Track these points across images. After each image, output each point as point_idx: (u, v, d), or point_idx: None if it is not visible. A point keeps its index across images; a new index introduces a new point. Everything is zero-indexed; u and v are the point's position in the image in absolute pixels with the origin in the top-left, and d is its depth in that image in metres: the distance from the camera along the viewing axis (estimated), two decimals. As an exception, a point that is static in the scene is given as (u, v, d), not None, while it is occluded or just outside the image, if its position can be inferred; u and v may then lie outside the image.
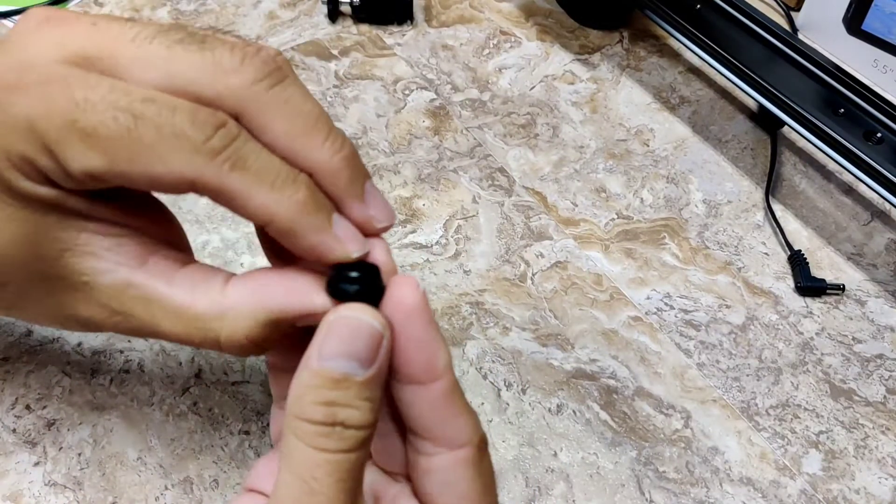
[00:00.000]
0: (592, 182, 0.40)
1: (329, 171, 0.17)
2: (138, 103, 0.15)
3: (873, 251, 0.38)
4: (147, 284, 0.17)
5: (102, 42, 0.16)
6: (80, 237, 0.17)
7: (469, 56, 0.46)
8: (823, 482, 0.30)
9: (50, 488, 0.28)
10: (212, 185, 0.16)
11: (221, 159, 0.16)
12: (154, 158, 0.15)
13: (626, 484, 0.29)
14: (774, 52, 0.39)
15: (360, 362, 0.16)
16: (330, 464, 0.15)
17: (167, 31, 0.16)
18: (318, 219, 0.16)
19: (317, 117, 0.17)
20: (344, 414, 0.16)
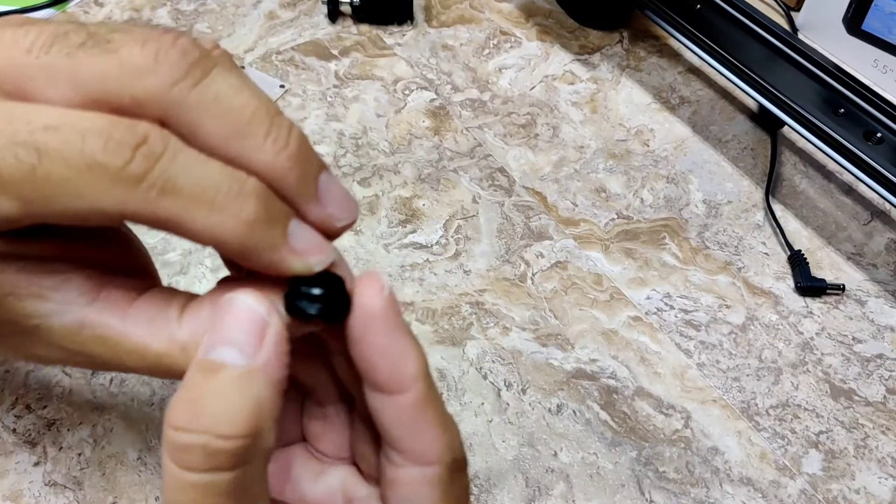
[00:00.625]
0: (592, 182, 0.40)
1: (275, 173, 0.14)
2: (40, 133, 0.13)
3: (873, 251, 0.38)
4: (100, 323, 0.15)
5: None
6: (19, 279, 0.15)
7: (469, 56, 0.46)
8: (823, 482, 0.30)
9: (50, 488, 0.28)
10: (143, 215, 0.13)
11: (146, 186, 0.13)
12: (70, 195, 0.13)
13: (626, 484, 0.29)
14: (774, 52, 0.39)
15: (240, 351, 0.14)
16: (195, 488, 0.13)
17: (66, 35, 0.14)
18: (272, 234, 0.14)
19: (252, 111, 0.15)
20: (210, 417, 0.13)
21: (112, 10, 0.47)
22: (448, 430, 0.16)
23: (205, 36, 0.46)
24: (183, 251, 0.35)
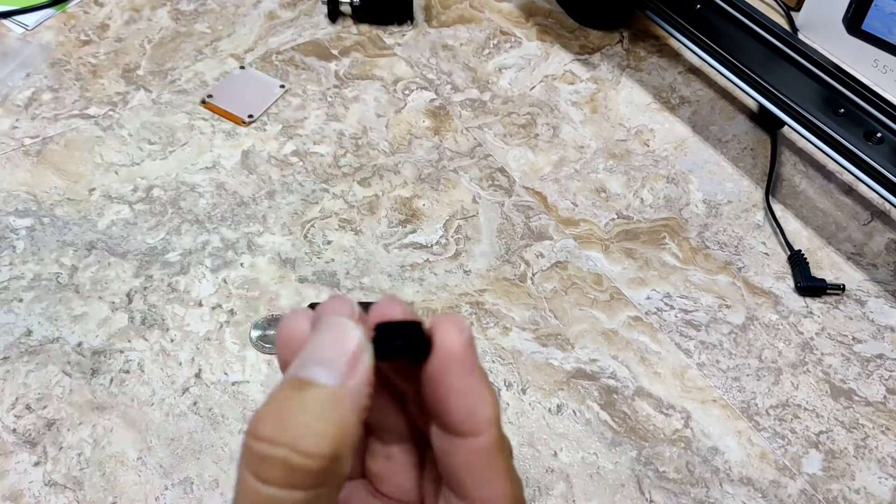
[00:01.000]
0: (592, 182, 0.40)
1: None
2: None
3: (873, 251, 0.38)
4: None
5: None
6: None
7: (469, 56, 0.46)
8: (823, 482, 0.30)
9: (50, 488, 0.28)
10: None
11: None
12: None
13: (626, 484, 0.29)
14: (774, 52, 0.39)
15: (329, 371, 0.14)
16: (269, 501, 0.13)
17: None
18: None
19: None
20: (295, 431, 0.13)
21: (112, 10, 0.47)
22: (515, 483, 0.16)
23: (204, 36, 0.46)
24: (183, 251, 0.35)
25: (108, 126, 0.40)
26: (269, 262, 0.35)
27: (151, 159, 0.39)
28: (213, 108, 0.42)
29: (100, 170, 0.38)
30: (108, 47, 0.45)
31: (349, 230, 0.36)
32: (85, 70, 0.43)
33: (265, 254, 0.35)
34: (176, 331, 0.32)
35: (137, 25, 0.46)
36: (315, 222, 0.37)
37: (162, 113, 0.41)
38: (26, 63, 0.43)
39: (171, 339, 0.32)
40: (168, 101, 0.42)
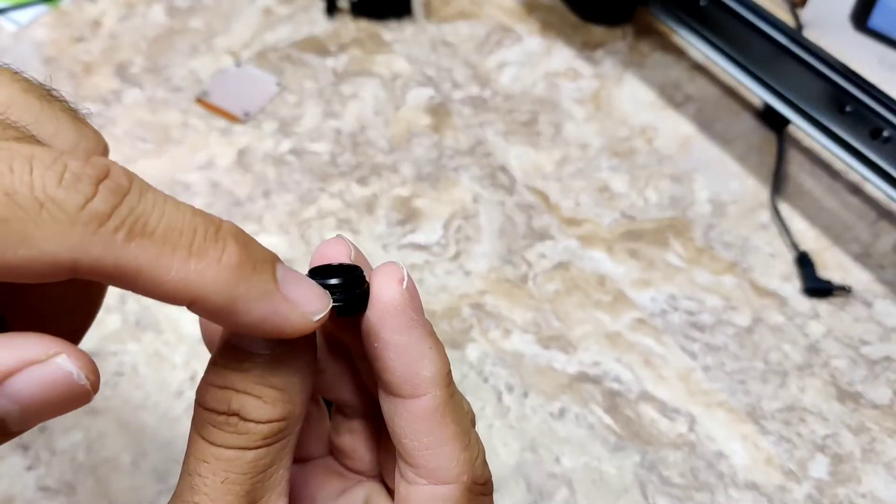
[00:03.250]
0: (595, 181, 0.39)
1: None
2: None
3: (880, 251, 0.37)
4: None
5: None
6: None
7: (469, 52, 0.45)
8: (830, 486, 0.29)
9: (43, 493, 0.27)
10: (104, 266, 0.11)
11: (112, 227, 0.11)
12: (12, 242, 0.10)
13: (629, 489, 0.29)
14: (780, 49, 0.39)
15: (264, 339, 0.13)
16: (218, 461, 0.13)
17: None
18: (261, 279, 0.12)
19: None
20: (239, 402, 0.13)
21: (106, 6, 0.46)
22: (468, 448, 0.15)
23: (199, 32, 0.45)
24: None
25: (102, 124, 0.39)
26: (265, 262, 0.34)
27: (146, 158, 0.38)
28: (208, 105, 0.41)
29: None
30: (102, 44, 0.44)
31: (347, 230, 0.36)
32: (78, 67, 0.43)
33: (262, 254, 0.35)
34: (170, 333, 0.32)
35: (131, 22, 0.45)
36: (312, 222, 0.36)
37: (156, 111, 0.40)
38: (19, 61, 0.42)
39: (165, 342, 0.32)
40: (162, 98, 0.41)
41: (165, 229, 0.11)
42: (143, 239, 0.11)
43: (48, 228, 0.10)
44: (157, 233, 0.11)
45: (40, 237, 0.10)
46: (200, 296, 0.11)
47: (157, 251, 0.11)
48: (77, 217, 0.10)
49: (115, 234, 0.11)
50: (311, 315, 0.13)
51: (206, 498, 0.13)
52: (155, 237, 0.11)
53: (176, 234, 0.11)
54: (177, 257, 0.11)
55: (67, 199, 0.10)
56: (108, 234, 0.11)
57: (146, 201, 0.11)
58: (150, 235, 0.11)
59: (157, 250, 0.11)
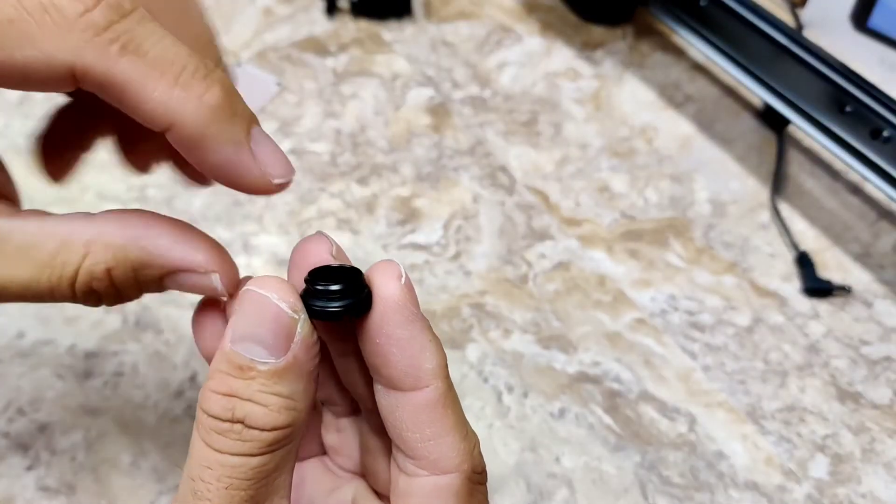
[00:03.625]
0: (596, 181, 0.39)
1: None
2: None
3: (880, 251, 0.37)
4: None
5: None
6: None
7: (469, 52, 0.45)
8: (830, 486, 0.29)
9: (43, 493, 0.27)
10: (96, 73, 0.12)
11: (107, 39, 0.12)
12: (17, 41, 0.12)
13: (629, 489, 0.29)
14: (780, 49, 0.39)
15: (267, 348, 0.13)
16: (222, 467, 0.13)
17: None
18: (234, 128, 0.13)
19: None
20: (244, 409, 0.13)
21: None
22: (467, 438, 0.15)
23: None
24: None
25: (103, 123, 0.39)
26: (265, 262, 0.34)
27: (146, 157, 0.38)
28: (210, 105, 0.41)
29: (93, 169, 0.37)
30: (103, 43, 0.44)
31: (347, 230, 0.36)
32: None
33: (261, 254, 0.35)
34: (170, 333, 0.32)
35: (132, 21, 0.45)
36: (312, 222, 0.36)
37: (157, 110, 0.40)
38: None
39: (165, 342, 0.32)
40: (163, 97, 0.41)
41: (157, 55, 0.12)
42: (135, 56, 0.12)
43: (49, 31, 0.12)
44: (149, 55, 0.12)
45: (41, 39, 0.12)
46: (176, 123, 0.12)
47: (145, 71, 0.12)
48: (75, 23, 0.12)
49: (110, 45, 0.12)
50: (271, 177, 0.14)
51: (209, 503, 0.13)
52: (146, 59, 0.12)
53: (167, 62, 0.12)
54: (163, 81, 0.12)
55: (69, 7, 0.12)
56: (102, 44, 0.12)
57: (145, 28, 0.12)
58: (142, 56, 0.12)
59: (145, 70, 0.12)
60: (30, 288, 0.14)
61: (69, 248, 0.14)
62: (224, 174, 0.13)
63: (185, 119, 0.12)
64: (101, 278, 0.14)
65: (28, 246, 0.14)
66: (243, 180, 0.13)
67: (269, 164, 0.14)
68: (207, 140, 0.13)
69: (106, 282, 0.14)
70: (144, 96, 0.12)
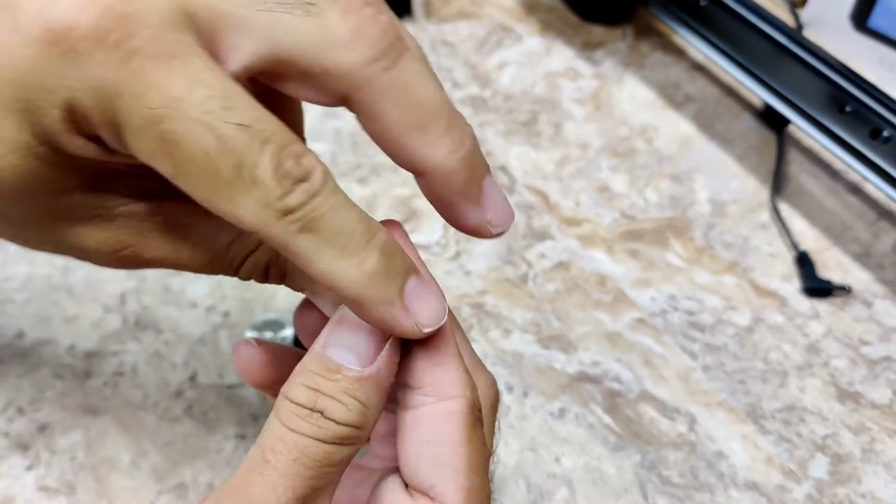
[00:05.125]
0: (595, 181, 0.39)
1: (443, 173, 0.15)
2: (231, 127, 0.13)
3: (880, 251, 0.37)
4: (172, 212, 0.16)
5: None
6: (97, 174, 0.15)
7: (469, 52, 0.45)
8: (830, 486, 0.29)
9: (43, 493, 0.27)
10: (275, 241, 0.14)
11: (292, 219, 0.13)
12: (220, 193, 0.13)
13: (629, 489, 0.29)
14: (780, 49, 0.39)
15: (358, 356, 0.15)
16: (295, 443, 0.15)
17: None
18: (387, 290, 0.14)
19: (437, 107, 0.15)
20: (325, 403, 0.15)
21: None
22: (467, 372, 0.17)
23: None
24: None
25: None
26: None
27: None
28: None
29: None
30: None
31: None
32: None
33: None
34: (170, 333, 0.32)
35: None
36: (313, 222, 0.36)
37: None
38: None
39: (165, 342, 0.32)
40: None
41: (331, 230, 0.14)
42: (311, 234, 0.14)
43: (250, 202, 0.13)
44: (323, 231, 0.14)
45: (240, 203, 0.13)
46: (336, 287, 0.14)
47: (317, 245, 0.14)
48: (272, 204, 0.13)
49: (292, 224, 0.14)
50: (422, 327, 0.15)
51: (275, 471, 0.14)
52: (320, 234, 0.14)
53: (337, 235, 0.14)
54: (328, 254, 0.14)
55: (273, 190, 0.13)
56: (287, 223, 0.14)
57: (327, 203, 0.14)
58: (318, 232, 0.14)
59: (316, 245, 0.14)
60: (206, 267, 0.17)
61: (242, 242, 0.17)
62: (379, 325, 0.15)
63: (344, 284, 0.14)
64: (260, 271, 0.17)
65: (209, 238, 0.17)
66: (395, 330, 0.15)
67: (421, 314, 0.15)
68: (363, 301, 0.14)
69: (262, 274, 0.17)
70: (312, 265, 0.14)
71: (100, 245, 0.16)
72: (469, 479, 0.16)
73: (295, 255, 0.14)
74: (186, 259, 0.17)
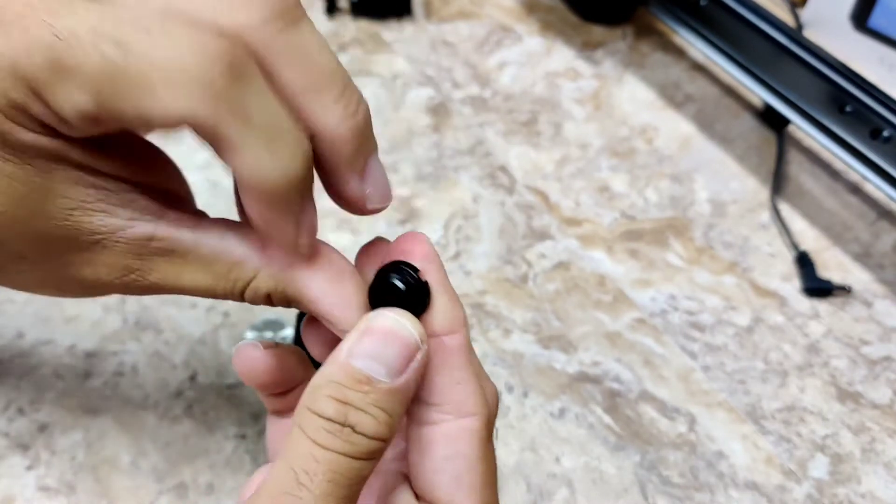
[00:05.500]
0: (595, 181, 0.39)
1: (334, 138, 0.15)
2: (132, 33, 0.13)
3: (880, 251, 0.37)
4: (172, 236, 0.16)
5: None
6: (88, 193, 0.15)
7: (469, 52, 0.45)
8: (829, 486, 0.29)
9: (43, 493, 0.27)
10: (205, 127, 0.14)
11: (222, 101, 0.13)
12: (145, 95, 0.13)
13: (629, 489, 0.29)
14: (780, 49, 0.39)
15: (388, 369, 0.15)
16: (329, 462, 0.14)
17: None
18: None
19: (331, 72, 0.15)
20: (356, 417, 0.15)
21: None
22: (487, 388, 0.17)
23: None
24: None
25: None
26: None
27: (146, 157, 0.38)
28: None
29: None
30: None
31: (347, 230, 0.36)
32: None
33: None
34: (170, 333, 0.32)
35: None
36: (313, 222, 0.36)
37: (157, 110, 0.40)
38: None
39: (165, 342, 0.32)
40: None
41: (260, 118, 0.14)
42: (240, 119, 0.14)
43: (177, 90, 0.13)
44: (252, 119, 0.14)
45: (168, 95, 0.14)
46: (258, 183, 0.15)
47: (243, 132, 0.14)
48: (201, 84, 0.13)
49: (222, 106, 0.14)
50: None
51: (311, 495, 0.14)
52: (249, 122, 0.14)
53: (265, 126, 0.14)
54: (256, 146, 0.14)
55: (197, 70, 0.13)
56: (218, 104, 0.14)
57: (257, 92, 0.14)
58: (246, 119, 0.14)
59: (243, 131, 0.14)
60: (209, 291, 0.17)
61: (242, 268, 0.17)
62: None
63: (267, 180, 0.14)
64: (262, 298, 0.17)
65: (210, 261, 0.17)
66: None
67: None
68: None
69: (265, 300, 0.17)
70: (238, 155, 0.14)
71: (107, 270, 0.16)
72: (484, 493, 0.16)
73: (223, 143, 0.14)
74: (188, 281, 0.17)
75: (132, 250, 0.16)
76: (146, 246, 0.16)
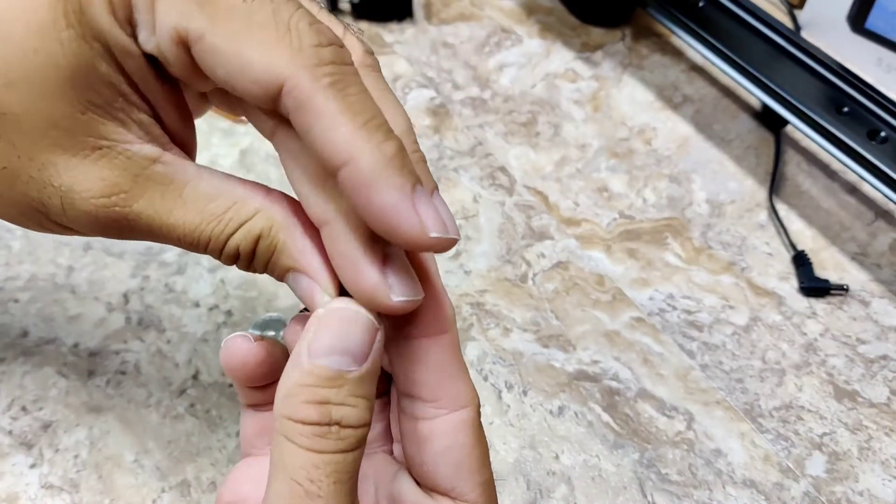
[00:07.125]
0: (594, 181, 0.39)
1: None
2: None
3: (877, 251, 0.38)
4: (177, 164, 0.16)
5: None
6: (117, 100, 0.15)
7: (470, 54, 0.45)
8: (827, 484, 0.30)
9: (46, 490, 0.28)
10: (301, 94, 0.14)
11: (324, 71, 0.14)
12: (255, 41, 0.14)
13: (628, 486, 0.29)
14: (778, 50, 0.39)
15: (353, 358, 0.15)
16: (328, 465, 0.15)
17: None
18: (402, 179, 0.14)
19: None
20: (339, 413, 0.15)
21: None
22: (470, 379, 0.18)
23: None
24: (180, 251, 0.35)
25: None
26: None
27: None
28: (211, 106, 0.41)
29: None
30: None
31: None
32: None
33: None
34: (172, 331, 0.32)
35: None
36: (314, 222, 0.36)
37: (159, 111, 0.41)
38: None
39: (167, 340, 0.32)
40: (165, 99, 0.41)
41: (357, 101, 0.14)
42: (340, 93, 0.14)
43: (282, 47, 0.14)
44: (350, 98, 0.14)
45: (271, 48, 0.14)
46: (352, 161, 0.14)
47: (342, 108, 0.14)
48: (307, 51, 0.14)
49: (324, 77, 0.14)
50: (429, 230, 0.14)
51: (323, 501, 0.15)
52: (347, 99, 0.14)
53: (361, 107, 0.14)
54: (353, 122, 0.14)
55: (309, 37, 0.14)
56: (320, 74, 0.14)
57: (355, 79, 0.15)
58: (345, 95, 0.14)
59: (342, 107, 0.14)
60: (192, 234, 0.16)
61: (241, 207, 0.16)
62: (385, 220, 0.14)
63: (363, 159, 0.14)
64: (250, 242, 0.16)
65: (209, 197, 0.16)
66: (401, 229, 0.14)
67: (431, 220, 0.14)
68: (377, 182, 0.14)
69: (251, 248, 0.16)
70: (332, 131, 0.14)
71: (92, 185, 0.15)
72: (482, 473, 0.17)
73: (317, 114, 0.14)
74: (175, 218, 0.16)
75: (131, 168, 0.16)
76: (147, 167, 0.16)
